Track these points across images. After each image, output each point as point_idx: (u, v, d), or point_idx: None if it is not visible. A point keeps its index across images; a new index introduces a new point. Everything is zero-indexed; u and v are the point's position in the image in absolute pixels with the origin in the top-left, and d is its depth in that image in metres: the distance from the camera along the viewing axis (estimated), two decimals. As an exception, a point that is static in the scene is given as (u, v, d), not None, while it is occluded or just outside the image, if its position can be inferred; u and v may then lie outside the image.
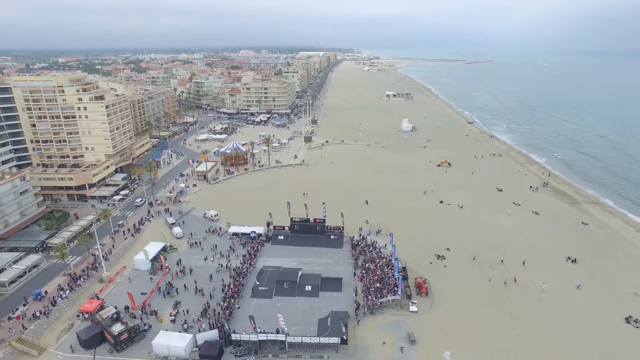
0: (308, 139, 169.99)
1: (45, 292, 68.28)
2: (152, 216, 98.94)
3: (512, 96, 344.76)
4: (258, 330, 57.19)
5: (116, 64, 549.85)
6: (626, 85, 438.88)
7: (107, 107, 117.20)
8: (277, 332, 57.38)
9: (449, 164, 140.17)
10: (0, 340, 57.62)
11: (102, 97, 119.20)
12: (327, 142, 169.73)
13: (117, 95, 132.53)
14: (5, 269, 72.49)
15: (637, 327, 61.17)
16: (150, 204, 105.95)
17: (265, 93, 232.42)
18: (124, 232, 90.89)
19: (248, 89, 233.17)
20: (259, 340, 56.87)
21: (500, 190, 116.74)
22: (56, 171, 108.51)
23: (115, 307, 63.25)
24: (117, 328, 57.95)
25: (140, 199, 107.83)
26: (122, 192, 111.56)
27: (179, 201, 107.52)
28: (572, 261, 79.74)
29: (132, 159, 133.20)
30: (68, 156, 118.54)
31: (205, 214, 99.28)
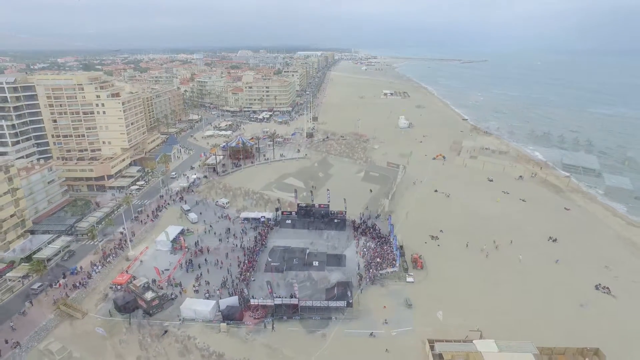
0: (309, 135, 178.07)
1: (81, 267, 76.30)
2: (169, 204, 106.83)
3: (505, 95, 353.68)
4: (274, 295, 65.32)
5: (115, 64, 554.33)
6: (618, 84, 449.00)
7: (123, 103, 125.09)
8: (291, 296, 65.50)
9: (444, 157, 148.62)
10: (55, 300, 66.46)
11: (118, 95, 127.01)
12: (327, 137, 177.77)
13: (131, 93, 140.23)
14: (42, 248, 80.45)
15: (604, 292, 69.92)
16: (167, 191, 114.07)
17: (267, 92, 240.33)
18: (142, 220, 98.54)
19: (250, 87, 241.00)
20: (274, 304, 65.05)
21: (491, 181, 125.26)
22: (76, 163, 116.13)
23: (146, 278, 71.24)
24: (149, 295, 65.91)
25: (174, 173, 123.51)
26: (138, 183, 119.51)
27: (192, 191, 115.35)
28: (553, 240, 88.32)
29: (145, 153, 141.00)
30: (86, 150, 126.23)
31: (217, 202, 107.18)
